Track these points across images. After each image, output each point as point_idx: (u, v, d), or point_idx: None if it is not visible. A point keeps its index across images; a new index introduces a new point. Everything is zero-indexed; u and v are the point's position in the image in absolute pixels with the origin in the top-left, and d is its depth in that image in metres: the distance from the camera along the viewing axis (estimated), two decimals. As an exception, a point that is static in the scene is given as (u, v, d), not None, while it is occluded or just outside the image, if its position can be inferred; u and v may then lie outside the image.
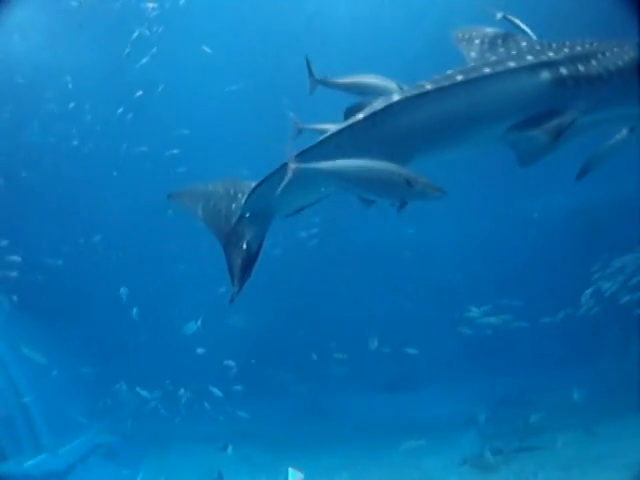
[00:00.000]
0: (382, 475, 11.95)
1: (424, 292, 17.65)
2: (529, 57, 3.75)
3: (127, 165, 15.70)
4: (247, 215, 4.06)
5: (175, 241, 17.09)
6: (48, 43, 13.74)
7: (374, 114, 3.63)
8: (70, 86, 14.35)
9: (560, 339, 15.70)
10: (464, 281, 17.05)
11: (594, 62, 3.74)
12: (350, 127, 3.70)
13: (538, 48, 3.91)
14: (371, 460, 12.62)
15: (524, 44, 4.03)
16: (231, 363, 14.57)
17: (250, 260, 4.09)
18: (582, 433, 11.72)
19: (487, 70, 3.62)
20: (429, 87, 3.62)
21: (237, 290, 4.11)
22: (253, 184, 4.06)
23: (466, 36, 4.35)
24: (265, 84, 14.98)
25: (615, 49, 3.79)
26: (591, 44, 3.89)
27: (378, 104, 3.67)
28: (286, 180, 3.57)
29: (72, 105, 14.35)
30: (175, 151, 15.45)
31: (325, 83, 5.32)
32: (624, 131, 4.51)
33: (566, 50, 3.81)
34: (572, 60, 3.72)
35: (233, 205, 4.13)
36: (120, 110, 14.61)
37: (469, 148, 4.13)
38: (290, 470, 10.30)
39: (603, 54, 3.77)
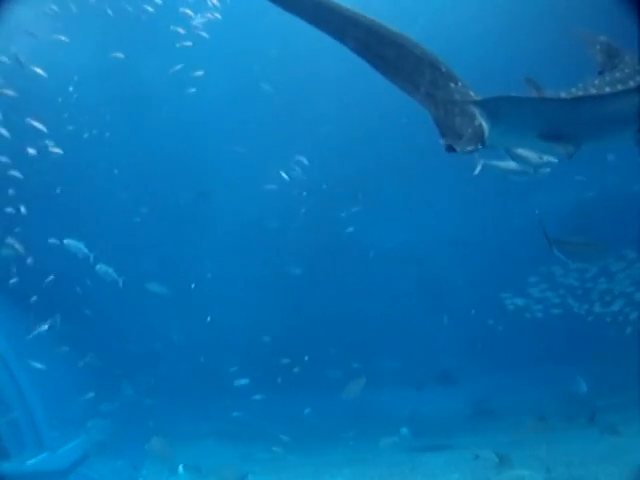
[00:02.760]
0: (384, 472, 11.93)
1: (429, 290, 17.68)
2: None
3: (129, 164, 15.68)
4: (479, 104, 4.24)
5: (179, 238, 17.14)
6: (53, 41, 13.69)
7: (585, 98, 4.32)
8: (76, 83, 14.29)
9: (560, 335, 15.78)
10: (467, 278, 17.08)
11: None
12: (565, 101, 4.31)
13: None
14: (373, 457, 12.63)
15: (627, 58, 4.77)
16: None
17: (479, 139, 4.18)
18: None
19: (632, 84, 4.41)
20: (608, 90, 4.39)
21: (469, 150, 4.14)
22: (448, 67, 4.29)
23: (588, 39, 5.12)
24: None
25: None
26: None
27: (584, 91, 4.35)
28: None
29: (79, 102, 14.32)
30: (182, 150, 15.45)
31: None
32: None
33: None
34: None
35: (452, 84, 4.27)
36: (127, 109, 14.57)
37: (612, 141, 4.95)
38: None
39: None
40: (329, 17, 4.20)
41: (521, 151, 5.88)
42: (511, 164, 7.81)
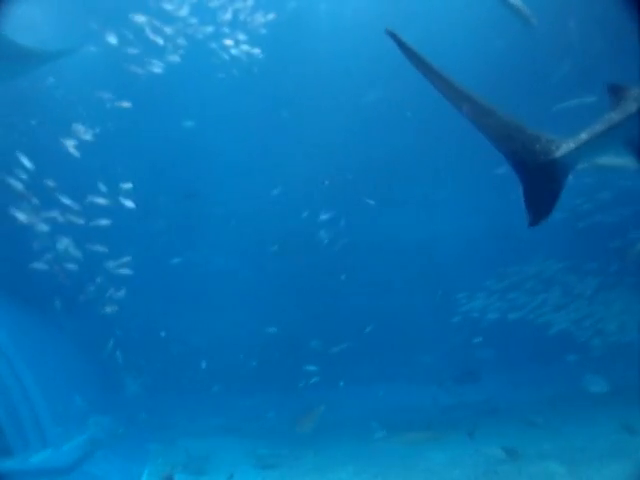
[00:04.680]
0: (387, 468, 11.94)
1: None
2: None
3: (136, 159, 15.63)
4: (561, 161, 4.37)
5: (179, 232, 17.13)
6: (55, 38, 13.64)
7: None
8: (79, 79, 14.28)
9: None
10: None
11: None
12: (632, 114, 4.19)
13: None
14: (376, 453, 12.63)
15: None
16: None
17: (547, 214, 4.48)
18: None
19: None
20: None
21: (538, 222, 4.48)
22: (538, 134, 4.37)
23: None
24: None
25: None
26: None
27: None
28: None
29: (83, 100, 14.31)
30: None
31: None
32: None
33: None
34: None
35: (537, 145, 4.38)
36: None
37: None
38: None
39: None
40: (449, 90, 4.37)
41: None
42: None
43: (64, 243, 12.45)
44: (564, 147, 4.32)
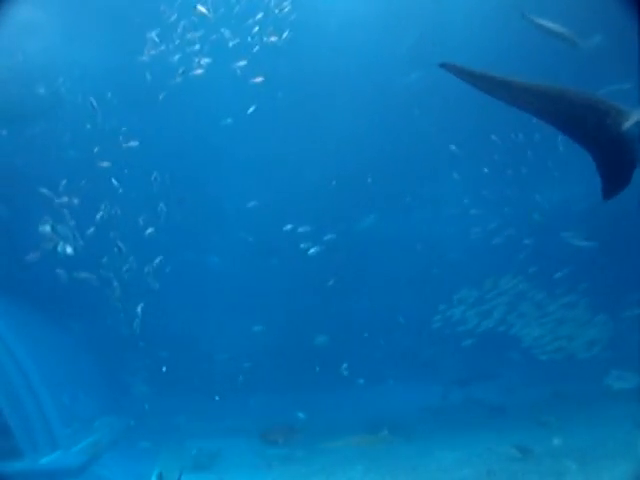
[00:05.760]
0: (396, 467, 11.91)
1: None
2: None
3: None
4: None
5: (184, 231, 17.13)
6: (59, 40, 13.65)
7: None
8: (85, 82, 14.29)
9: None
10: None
11: None
12: None
13: None
14: (385, 453, 12.60)
15: None
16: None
17: (630, 174, 4.45)
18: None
19: None
20: None
21: (613, 195, 4.47)
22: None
23: None
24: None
25: None
26: None
27: None
28: None
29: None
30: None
31: None
32: None
33: None
34: None
35: (607, 120, 4.32)
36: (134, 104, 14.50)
37: None
38: None
39: None
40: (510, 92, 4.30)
41: None
42: None
43: (72, 246, 12.48)
44: (632, 118, 4.26)
